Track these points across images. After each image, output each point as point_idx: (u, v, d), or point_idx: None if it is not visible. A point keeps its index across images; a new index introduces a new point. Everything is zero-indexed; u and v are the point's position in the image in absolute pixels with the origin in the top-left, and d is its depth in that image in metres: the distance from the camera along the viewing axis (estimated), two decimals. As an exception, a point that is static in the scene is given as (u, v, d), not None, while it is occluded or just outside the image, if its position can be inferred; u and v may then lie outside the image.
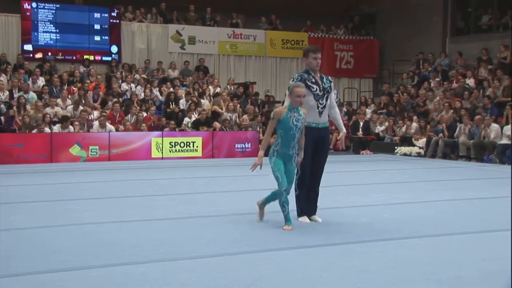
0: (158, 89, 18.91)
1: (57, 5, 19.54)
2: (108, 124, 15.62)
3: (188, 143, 16.00)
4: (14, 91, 16.69)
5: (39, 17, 19.29)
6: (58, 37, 19.56)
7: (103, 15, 20.09)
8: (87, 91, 17.47)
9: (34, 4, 19.22)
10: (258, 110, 19.41)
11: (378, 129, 18.80)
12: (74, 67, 18.95)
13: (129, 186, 10.23)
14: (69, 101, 16.78)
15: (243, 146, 16.67)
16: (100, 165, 14.03)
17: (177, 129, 16.70)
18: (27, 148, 14.38)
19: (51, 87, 17.35)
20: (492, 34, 20.70)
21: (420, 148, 16.81)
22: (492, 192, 9.50)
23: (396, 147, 17.27)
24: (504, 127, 15.30)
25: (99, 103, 17.36)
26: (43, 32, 19.37)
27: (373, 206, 8.02)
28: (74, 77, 18.37)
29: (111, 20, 20.19)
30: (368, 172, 12.87)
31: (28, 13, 19.19)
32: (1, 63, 18.14)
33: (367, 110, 20.04)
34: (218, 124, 17.12)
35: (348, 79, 24.06)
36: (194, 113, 17.38)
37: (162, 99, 18.60)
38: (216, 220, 6.93)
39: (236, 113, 18.03)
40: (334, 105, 7.09)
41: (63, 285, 4.39)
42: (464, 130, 15.93)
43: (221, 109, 17.97)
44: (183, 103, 18.08)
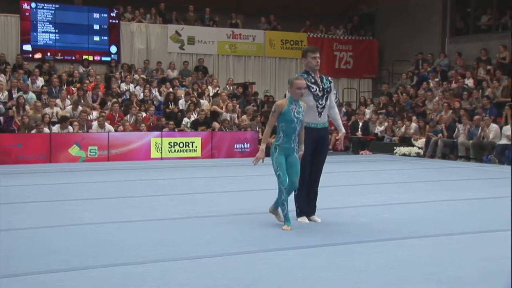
0: (157, 89, 18.90)
1: (56, 5, 19.52)
2: (107, 124, 15.61)
3: (187, 143, 16.00)
4: (13, 91, 16.68)
5: (38, 17, 19.27)
6: (57, 37, 19.54)
7: (102, 15, 20.07)
8: (86, 91, 17.45)
9: (33, 4, 19.20)
10: (258, 110, 19.40)
11: (377, 129, 18.80)
12: (73, 67, 18.96)
13: (128, 186, 10.22)
14: (68, 101, 16.78)
15: (242, 147, 16.66)
16: (99, 165, 14.02)
17: (176, 129, 16.69)
18: (26, 148, 14.37)
19: (50, 87, 17.34)
20: (491, 34, 20.70)
21: (419, 148, 16.81)
22: (491, 192, 9.50)
23: (395, 147, 17.26)
24: (503, 127, 15.31)
25: (98, 103, 17.35)
26: (42, 32, 19.36)
27: (373, 206, 8.02)
28: (73, 77, 18.36)
29: (110, 20, 20.18)
30: (367, 172, 12.87)
31: (27, 13, 19.18)
32: (0, 63, 18.14)
33: (366, 110, 20.03)
34: (217, 124, 17.11)
35: (347, 79, 24.06)
36: (193, 113, 17.38)
37: (161, 99, 18.58)
38: (216, 220, 6.93)
39: (235, 113, 18.03)
40: (333, 106, 7.09)
41: (63, 285, 4.39)
42: (463, 130, 15.94)
43: (221, 109, 17.97)
44: (182, 103, 18.07)
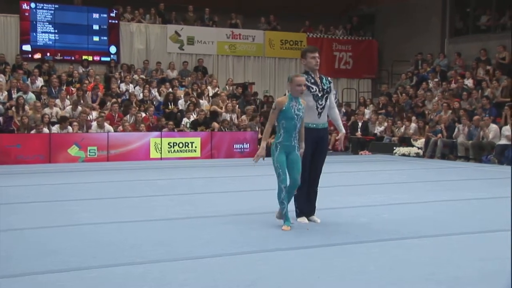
0: (156, 89, 18.90)
1: (56, 6, 19.51)
2: (106, 125, 15.61)
3: (186, 144, 15.99)
4: (12, 91, 16.68)
5: (38, 18, 19.27)
6: (57, 38, 19.54)
7: (101, 15, 20.07)
8: (86, 92, 17.46)
9: (32, 5, 19.20)
10: (257, 110, 19.40)
11: (376, 129, 18.79)
12: (72, 68, 18.96)
13: (127, 187, 10.22)
14: (68, 101, 16.79)
15: (242, 147, 16.65)
16: (98, 165, 14.01)
17: (175, 129, 16.69)
18: (26, 148, 14.36)
19: (49, 87, 17.33)
20: (490, 34, 20.70)
21: (418, 148, 16.81)
22: (490, 192, 9.50)
23: (394, 148, 17.26)
24: (502, 127, 15.30)
25: (97, 103, 17.35)
26: (42, 32, 19.35)
27: (372, 206, 8.01)
28: (72, 78, 18.37)
29: (110, 21, 20.18)
30: (366, 173, 12.87)
31: (26, 14, 19.17)
32: (-1, 63, 18.18)
33: (365, 110, 20.02)
34: (217, 125, 17.11)
35: (346, 79, 24.07)
36: (193, 113, 17.38)
37: (161, 99, 18.58)
38: (215, 220, 6.92)
39: (235, 114, 18.03)
40: (333, 106, 7.07)
41: (62, 285, 4.38)
42: (463, 130, 15.94)
43: (220, 109, 17.97)
44: (181, 103, 18.07)
